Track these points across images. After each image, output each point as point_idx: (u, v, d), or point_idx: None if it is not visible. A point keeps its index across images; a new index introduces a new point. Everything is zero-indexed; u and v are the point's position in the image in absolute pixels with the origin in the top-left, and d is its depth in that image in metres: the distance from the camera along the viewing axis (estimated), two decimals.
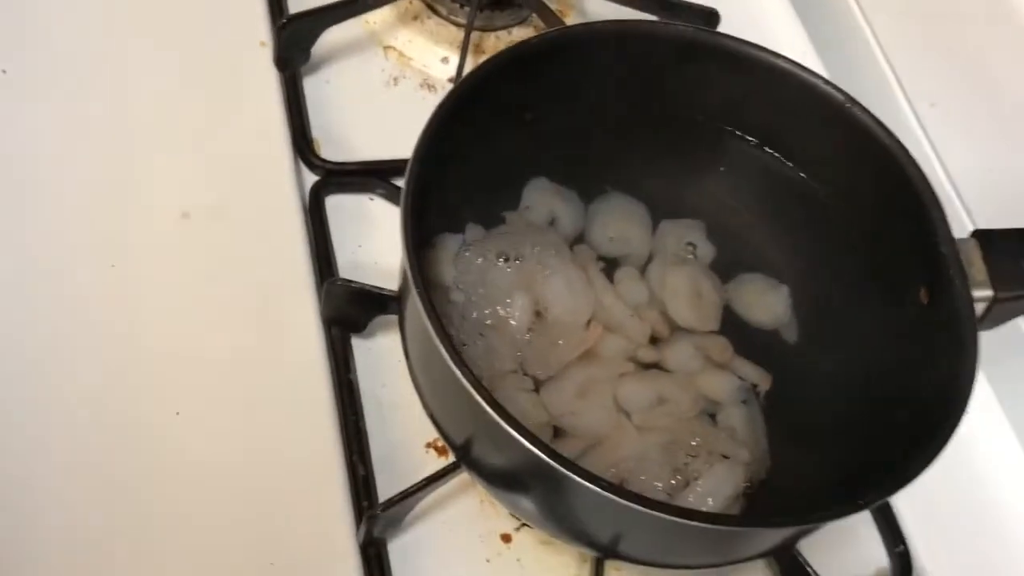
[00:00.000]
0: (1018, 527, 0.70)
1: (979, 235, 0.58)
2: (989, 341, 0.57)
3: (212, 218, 0.69)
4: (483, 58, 0.81)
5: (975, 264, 0.57)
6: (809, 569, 0.59)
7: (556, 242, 0.62)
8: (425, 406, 0.59)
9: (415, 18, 0.82)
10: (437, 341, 0.50)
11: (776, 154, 0.67)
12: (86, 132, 0.70)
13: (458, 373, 0.49)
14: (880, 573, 0.66)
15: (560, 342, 0.58)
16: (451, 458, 0.61)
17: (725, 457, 0.57)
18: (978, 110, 0.83)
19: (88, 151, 0.69)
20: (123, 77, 0.73)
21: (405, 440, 0.64)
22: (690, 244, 0.66)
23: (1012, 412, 0.73)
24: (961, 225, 0.80)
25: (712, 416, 0.60)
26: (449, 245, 0.61)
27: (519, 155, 0.65)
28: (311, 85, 0.77)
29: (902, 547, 0.66)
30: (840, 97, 0.61)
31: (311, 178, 0.73)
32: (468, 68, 0.77)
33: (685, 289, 0.62)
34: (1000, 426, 0.73)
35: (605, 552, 0.56)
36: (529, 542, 0.62)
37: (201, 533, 0.58)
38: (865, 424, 0.59)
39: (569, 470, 0.47)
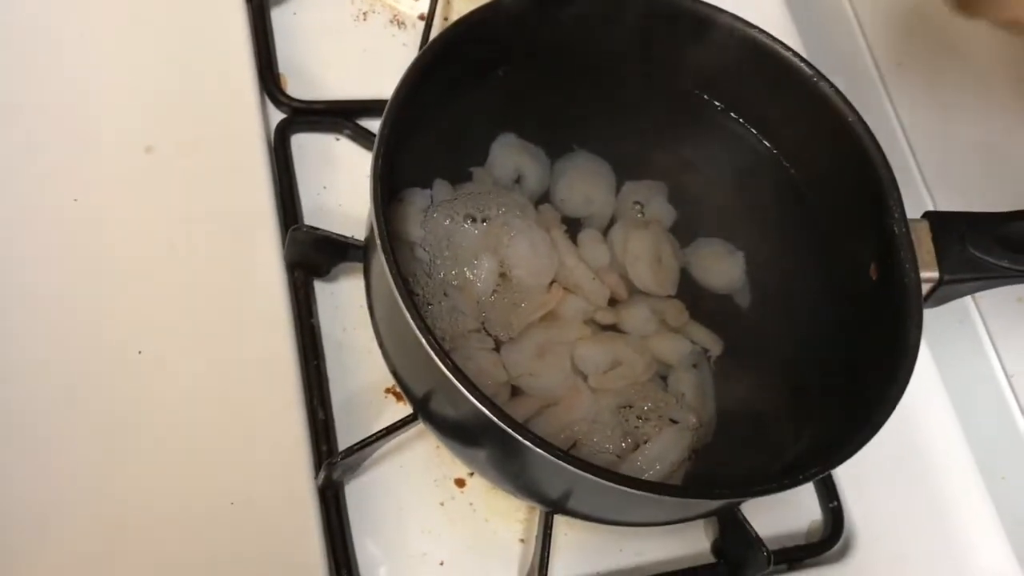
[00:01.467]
0: (946, 486, 0.74)
1: (931, 217, 0.60)
2: (933, 311, 0.60)
3: (176, 153, 0.68)
4: None
5: (924, 246, 0.59)
6: (748, 525, 0.62)
7: (521, 203, 0.63)
8: (386, 358, 0.61)
9: None
10: (401, 303, 0.51)
11: (742, 121, 0.68)
12: (47, 63, 0.68)
13: (421, 336, 0.50)
14: (814, 527, 0.70)
15: (523, 304, 0.59)
16: (409, 404, 0.63)
17: (674, 422, 0.59)
18: (944, 73, 0.84)
19: (49, 82, 0.68)
20: (88, 9, 0.71)
21: (365, 385, 0.65)
22: (638, 203, 0.67)
23: (947, 376, 0.76)
24: (915, 190, 0.83)
25: (664, 379, 0.62)
26: (416, 200, 0.61)
27: (489, 110, 0.65)
28: (277, 16, 0.76)
29: (835, 503, 0.69)
30: (809, 71, 0.62)
31: (276, 114, 0.72)
32: (439, 6, 0.76)
33: (646, 254, 0.64)
34: (935, 389, 0.76)
35: (554, 507, 0.58)
36: (481, 487, 0.64)
37: (161, 472, 0.59)
38: (810, 392, 0.61)
39: (522, 435, 0.49)
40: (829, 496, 0.70)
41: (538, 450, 0.48)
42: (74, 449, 0.58)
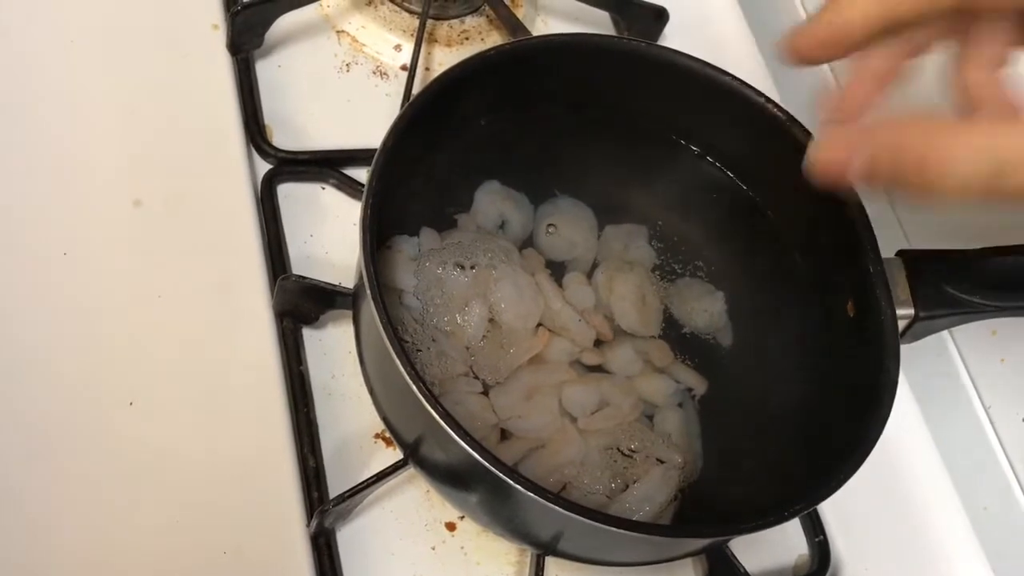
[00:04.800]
0: (929, 517, 0.75)
1: (904, 255, 0.62)
2: (911, 346, 0.62)
3: (164, 206, 0.69)
4: (436, 47, 0.82)
5: (899, 284, 0.60)
6: (736, 562, 0.63)
7: (506, 247, 0.64)
8: (376, 405, 0.61)
9: (369, 3, 0.82)
10: (391, 349, 0.51)
11: (718, 164, 0.70)
12: (35, 118, 0.69)
13: (411, 382, 0.51)
14: (801, 561, 0.71)
15: (511, 350, 0.61)
16: (399, 450, 0.63)
17: (660, 462, 0.60)
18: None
19: (38, 137, 0.68)
20: (73, 62, 0.72)
21: (354, 431, 0.66)
22: (620, 246, 0.68)
23: (926, 410, 0.78)
24: (889, 229, 0.84)
25: (650, 419, 0.63)
26: (404, 248, 0.62)
27: (472, 159, 0.67)
28: (262, 69, 0.77)
29: (821, 537, 0.70)
30: (782, 116, 0.64)
31: (263, 165, 0.73)
32: (421, 58, 0.78)
33: (631, 295, 0.65)
34: (915, 423, 0.77)
35: (545, 549, 0.59)
36: (473, 530, 0.65)
37: (154, 523, 0.59)
38: (793, 428, 0.62)
39: (512, 479, 0.49)
40: (815, 530, 0.70)
41: (529, 493, 0.49)
42: (66, 500, 0.58)
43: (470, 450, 0.49)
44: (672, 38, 0.86)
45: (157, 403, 0.62)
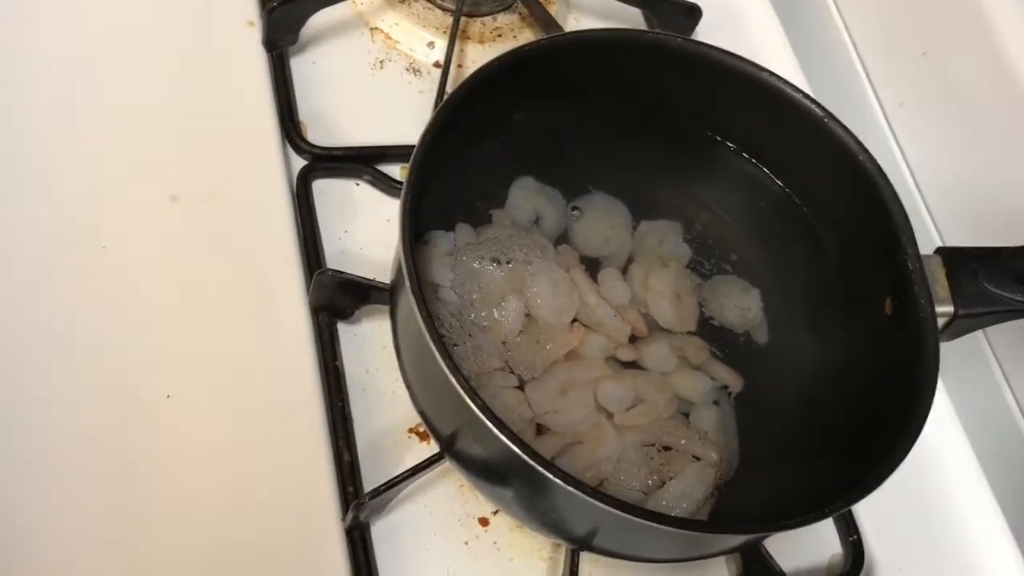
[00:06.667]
0: (963, 517, 0.74)
1: (944, 252, 0.61)
2: (945, 346, 0.61)
3: (201, 201, 0.69)
4: (468, 44, 0.83)
5: (939, 281, 0.60)
6: (771, 560, 0.63)
7: (542, 243, 0.64)
8: (413, 398, 0.62)
9: (402, 0, 0.83)
10: (431, 343, 0.52)
11: (755, 161, 0.69)
12: (72, 114, 0.70)
13: (451, 376, 0.51)
14: (834, 560, 0.70)
15: (548, 347, 0.61)
16: (432, 444, 0.63)
17: (697, 459, 0.60)
18: (946, 112, 0.86)
19: (77, 134, 0.69)
20: (110, 59, 0.73)
21: (389, 425, 0.66)
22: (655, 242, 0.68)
23: (961, 410, 0.77)
24: (922, 226, 0.84)
25: (686, 415, 0.63)
26: (440, 243, 0.62)
27: (507, 154, 0.67)
28: (297, 65, 0.78)
29: (855, 536, 0.70)
30: (819, 112, 0.63)
31: (298, 161, 0.74)
32: (454, 54, 0.78)
33: (667, 291, 0.65)
34: (951, 425, 0.77)
35: (580, 544, 0.59)
36: (506, 525, 0.65)
37: (189, 515, 0.59)
38: (830, 427, 0.62)
39: (552, 473, 0.49)
40: (849, 530, 0.70)
41: (568, 487, 0.49)
42: (102, 493, 0.59)
43: (508, 443, 0.49)
44: (704, 35, 0.86)
45: (194, 397, 0.63)
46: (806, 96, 0.64)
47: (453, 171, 0.63)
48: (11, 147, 0.68)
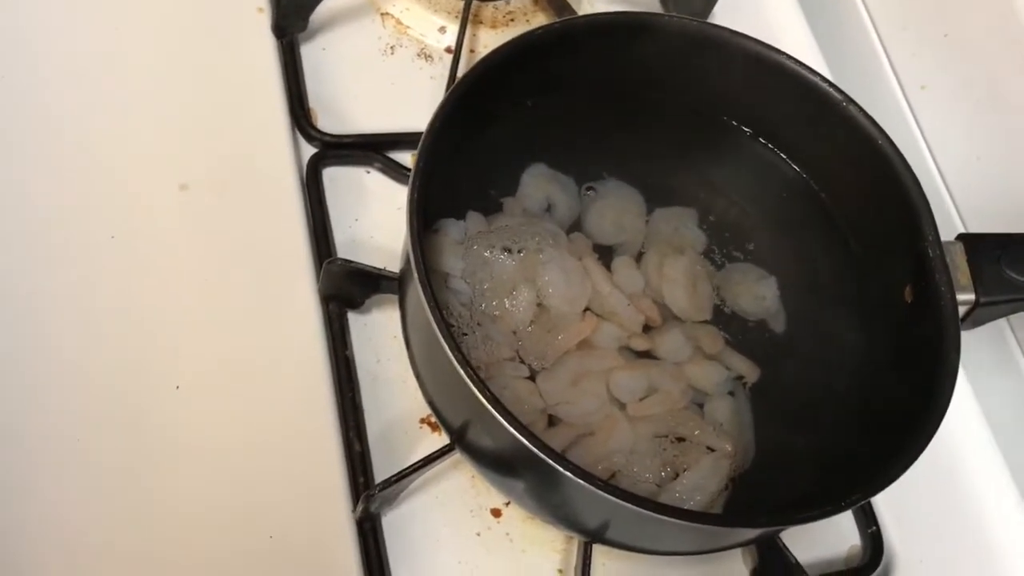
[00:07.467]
0: (985, 509, 0.73)
1: (965, 239, 0.60)
2: (967, 335, 0.60)
3: (210, 190, 0.69)
4: (480, 28, 0.81)
5: (960, 268, 0.59)
6: (788, 552, 0.62)
7: (553, 231, 0.63)
8: (423, 389, 0.61)
9: None
10: (439, 333, 0.51)
11: (771, 146, 0.68)
12: (84, 103, 0.69)
13: (458, 366, 0.50)
14: (853, 552, 0.69)
15: (559, 336, 0.60)
16: (444, 435, 0.63)
17: (711, 450, 0.59)
18: (969, 95, 0.84)
19: (85, 123, 0.69)
20: (119, 47, 0.72)
21: (400, 416, 0.66)
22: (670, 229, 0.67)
23: (984, 401, 0.75)
24: (944, 211, 0.82)
25: (700, 406, 0.62)
26: (450, 231, 0.62)
27: (518, 141, 0.66)
28: (307, 52, 0.77)
29: (874, 528, 0.69)
30: (838, 96, 0.62)
31: (308, 148, 0.73)
32: (466, 39, 0.77)
33: (682, 278, 0.64)
34: (972, 415, 0.75)
35: (593, 537, 0.58)
36: (518, 517, 0.64)
37: (200, 507, 0.59)
38: (848, 417, 0.61)
39: (562, 466, 0.48)
40: (868, 521, 0.69)
41: (579, 481, 0.48)
42: (112, 483, 0.59)
43: (518, 435, 0.49)
44: (721, 17, 0.84)
45: (203, 387, 0.62)
46: (824, 79, 0.63)
47: (464, 158, 0.62)
48: (19, 136, 0.67)
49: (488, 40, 0.81)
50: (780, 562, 0.62)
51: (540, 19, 0.83)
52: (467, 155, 0.62)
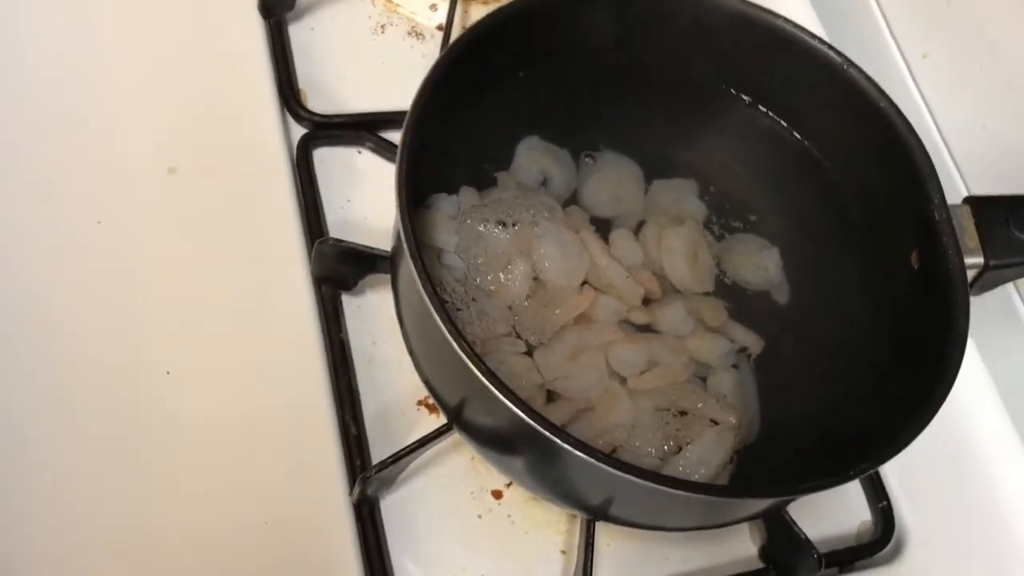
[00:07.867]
0: (997, 484, 0.71)
1: (972, 202, 0.58)
2: (975, 301, 0.58)
3: (199, 173, 0.68)
4: (472, 5, 0.80)
5: (967, 231, 0.57)
6: (797, 527, 0.60)
7: (549, 204, 0.62)
8: (418, 368, 0.60)
9: None
10: (432, 309, 0.49)
11: (771, 113, 0.67)
12: (67, 87, 0.68)
13: (453, 342, 0.49)
14: (864, 528, 0.68)
15: (556, 311, 0.58)
16: (441, 416, 0.61)
17: (714, 423, 0.57)
18: (972, 62, 0.83)
19: (72, 107, 0.68)
20: (106, 28, 0.71)
21: (396, 398, 0.64)
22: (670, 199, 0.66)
23: (994, 370, 0.74)
24: (949, 179, 0.81)
25: (703, 379, 0.60)
26: (443, 207, 0.60)
27: (511, 113, 0.65)
28: (295, 32, 0.76)
29: (885, 503, 0.67)
30: (838, 59, 0.61)
31: (298, 129, 0.72)
32: (457, 16, 0.76)
33: (683, 249, 0.62)
34: (983, 385, 0.74)
35: (596, 514, 0.57)
36: (519, 498, 0.63)
37: (193, 493, 0.58)
38: (854, 387, 0.60)
39: (562, 439, 0.47)
40: (878, 496, 0.68)
41: (580, 454, 0.47)
42: (104, 470, 0.58)
43: (516, 410, 0.47)
44: None
45: (194, 372, 0.61)
46: (824, 43, 0.61)
47: (456, 132, 0.61)
48: (4, 120, 0.66)
49: (480, 16, 0.79)
50: (789, 538, 0.61)
51: None
52: (459, 129, 0.61)
